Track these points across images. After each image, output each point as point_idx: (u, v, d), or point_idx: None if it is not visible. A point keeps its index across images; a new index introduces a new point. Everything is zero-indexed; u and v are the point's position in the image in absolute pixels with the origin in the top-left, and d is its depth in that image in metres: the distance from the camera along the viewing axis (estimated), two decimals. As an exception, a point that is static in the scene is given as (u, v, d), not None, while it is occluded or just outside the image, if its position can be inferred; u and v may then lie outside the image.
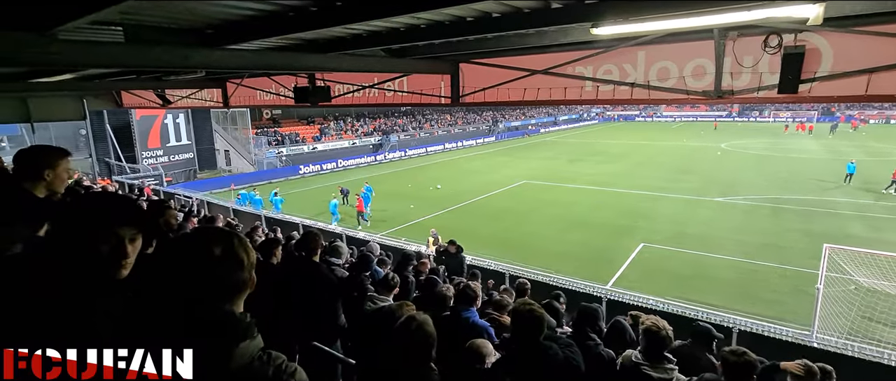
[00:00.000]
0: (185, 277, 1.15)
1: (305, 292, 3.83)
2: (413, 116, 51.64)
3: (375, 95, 9.41)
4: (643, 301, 8.08)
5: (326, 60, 6.53)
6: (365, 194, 19.39)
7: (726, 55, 5.49)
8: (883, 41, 4.47)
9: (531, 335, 2.73)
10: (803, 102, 5.68)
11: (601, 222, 17.76)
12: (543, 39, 5.98)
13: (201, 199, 17.57)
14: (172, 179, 27.86)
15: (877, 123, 55.73)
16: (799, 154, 34.13)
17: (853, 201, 19.80)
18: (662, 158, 34.05)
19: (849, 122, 55.31)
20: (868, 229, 15.90)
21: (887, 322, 8.95)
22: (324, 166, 33.85)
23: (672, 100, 6.15)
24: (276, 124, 39.72)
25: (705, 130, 53.69)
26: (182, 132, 31.07)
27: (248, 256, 1.22)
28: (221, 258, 1.17)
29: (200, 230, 1.36)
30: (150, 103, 13.60)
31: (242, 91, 11.51)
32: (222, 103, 12.28)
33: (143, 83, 11.11)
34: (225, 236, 1.22)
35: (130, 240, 1.31)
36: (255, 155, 32.67)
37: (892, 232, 15.41)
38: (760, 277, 12.14)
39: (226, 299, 1.18)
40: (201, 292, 1.15)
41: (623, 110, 77.94)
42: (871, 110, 58.08)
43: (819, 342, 6.88)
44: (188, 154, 31.53)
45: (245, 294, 1.23)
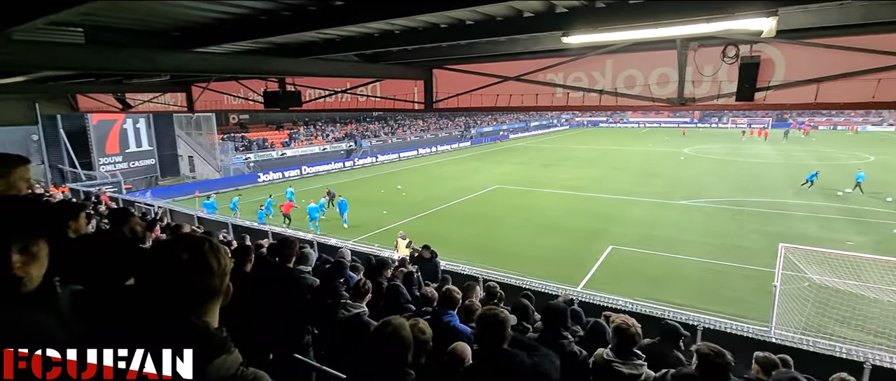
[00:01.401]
0: (152, 287, 1.11)
1: (281, 298, 3.75)
2: (385, 122, 51.39)
3: (348, 99, 9.34)
4: (613, 302, 8.28)
5: (298, 65, 6.45)
6: (341, 202, 19.37)
7: (688, 64, 5.75)
8: (830, 53, 4.78)
9: (495, 341, 2.68)
10: (759, 109, 6.01)
11: (572, 226, 18.12)
12: (515, 47, 6.09)
13: (164, 207, 16.90)
14: (132, 187, 26.71)
15: (825, 130, 59.32)
16: (756, 159, 35.87)
17: (807, 202, 20.97)
18: (630, 163, 35.09)
19: (800, 128, 58.63)
20: (820, 229, 16.85)
21: (838, 318, 9.49)
22: (285, 174, 32.59)
23: (638, 106, 6.38)
24: (244, 129, 38.69)
25: (669, 136, 55.74)
26: (143, 137, 29.86)
27: (219, 262, 1.16)
28: (189, 266, 1.11)
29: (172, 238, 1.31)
30: (108, 107, 13.03)
31: (209, 95, 11.19)
32: (187, 108, 11.90)
33: (101, 87, 10.64)
34: (194, 243, 1.17)
35: (21, 250, 1.22)
36: (221, 161, 31.69)
37: (841, 232, 16.40)
38: (723, 276, 12.66)
39: (196, 310, 1.13)
40: (169, 303, 1.10)
41: (591, 116, 79.97)
42: (820, 117, 61.79)
43: (777, 338, 7.21)
44: (149, 160, 30.32)
45: (218, 304, 1.18)
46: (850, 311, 9.52)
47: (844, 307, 9.61)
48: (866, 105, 4.94)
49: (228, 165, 31.62)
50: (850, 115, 59.78)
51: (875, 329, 9.09)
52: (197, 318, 1.13)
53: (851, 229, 16.81)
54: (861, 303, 9.65)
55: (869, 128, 57.07)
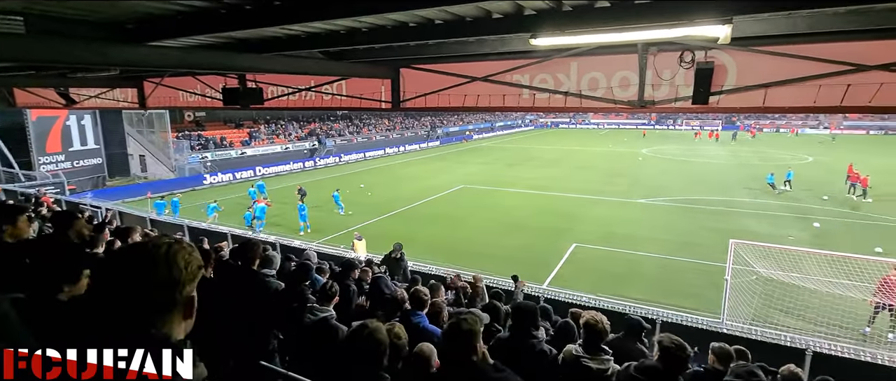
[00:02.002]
0: (108, 296, 1.05)
1: (244, 303, 3.60)
2: (350, 121, 50.62)
3: (312, 98, 9.11)
4: (577, 299, 8.52)
5: (260, 61, 6.23)
6: (301, 208, 18.98)
7: (648, 69, 5.96)
8: (777, 60, 5.09)
9: (464, 355, 2.55)
10: (713, 112, 6.33)
11: (536, 225, 18.46)
12: (483, 47, 6.13)
13: (113, 209, 15.94)
14: (76, 188, 25.03)
15: (769, 132, 63.28)
16: (708, 159, 37.79)
17: (754, 200, 22.28)
18: (592, 163, 36.15)
19: (747, 130, 62.28)
20: (766, 225, 17.94)
21: (782, 308, 10.13)
22: (237, 175, 30.89)
23: (601, 108, 6.57)
24: (200, 127, 37.05)
25: (628, 137, 57.85)
26: (88, 135, 28.05)
27: (175, 268, 1.09)
28: (146, 274, 1.05)
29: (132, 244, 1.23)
30: (50, 103, 12.13)
31: (162, 91, 10.63)
32: (138, 104, 11.25)
33: (42, 80, 9.89)
34: (150, 249, 1.10)
35: None
36: (175, 161, 30.20)
37: (784, 227, 17.52)
38: (679, 272, 13.25)
39: (156, 321, 1.07)
40: (127, 313, 1.04)
41: (555, 117, 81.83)
42: (765, 120, 65.81)
43: (728, 329, 7.63)
44: (96, 160, 28.53)
45: (181, 313, 1.12)
46: (792, 301, 10.19)
47: (787, 298, 10.27)
48: (809, 109, 5.30)
49: (183, 164, 30.19)
50: (791, 118, 64.02)
51: (814, 318, 9.77)
52: (157, 329, 1.07)
53: (793, 225, 18.00)
54: (802, 294, 10.33)
55: (807, 131, 61.36)
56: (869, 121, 59.85)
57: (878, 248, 13.90)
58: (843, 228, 17.58)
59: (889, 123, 59.04)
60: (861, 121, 60.26)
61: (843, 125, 60.73)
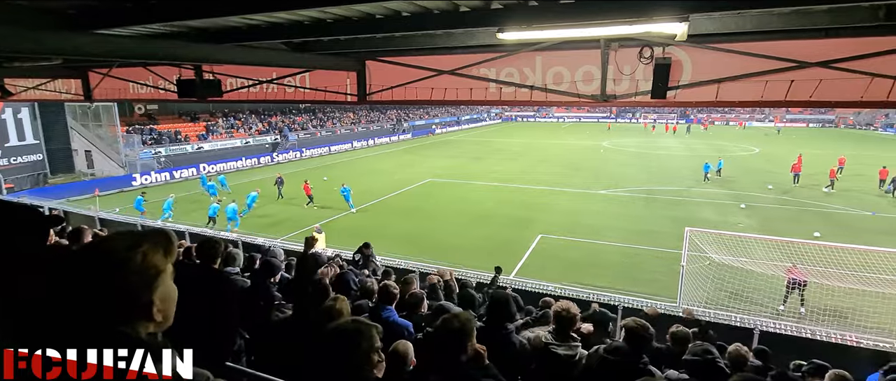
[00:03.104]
0: (71, 294, 1.02)
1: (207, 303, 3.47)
2: (314, 114, 49.40)
3: (274, 90, 8.83)
4: (543, 288, 8.74)
5: (218, 51, 5.98)
6: (251, 198, 18.75)
7: (610, 64, 6.15)
8: (729, 57, 5.37)
9: (452, 356, 2.53)
10: (670, 106, 6.60)
11: (503, 217, 18.74)
12: (451, 41, 6.13)
13: (58, 208, 14.94)
14: (14, 186, 23.27)
15: (720, 124, 66.63)
16: (665, 151, 39.42)
17: (705, 190, 23.46)
18: (556, 156, 36.94)
19: (700, 123, 65.33)
20: (716, 213, 18.95)
21: (732, 291, 10.77)
22: (176, 174, 28.66)
23: (566, 102, 6.73)
24: (152, 121, 35.14)
25: (590, 130, 59.42)
26: (26, 130, 26.06)
27: (131, 264, 1.04)
28: (108, 269, 1.02)
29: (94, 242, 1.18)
30: (-19, 94, 11.19)
31: (110, 82, 10.03)
32: (83, 96, 10.58)
33: (-29, 70, 9.10)
34: (112, 242, 1.06)
35: None
36: (125, 156, 28.53)
37: (733, 215, 18.57)
38: (639, 259, 13.81)
39: (121, 318, 1.04)
40: (90, 311, 1.01)
41: (520, 111, 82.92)
42: (716, 114, 69.21)
43: (684, 312, 8.05)
44: (35, 156, 26.56)
45: (149, 310, 1.08)
46: (741, 285, 10.85)
47: (737, 282, 10.93)
48: (757, 103, 5.62)
49: (134, 160, 28.57)
50: (740, 112, 67.63)
51: (761, 300, 10.46)
52: (128, 327, 1.05)
53: (741, 212, 19.11)
54: (750, 277, 11.01)
55: (754, 124, 65.04)
56: (809, 114, 64.09)
57: (817, 232, 14.98)
58: (786, 214, 18.83)
59: (827, 116, 63.53)
60: (802, 114, 64.44)
61: (786, 118, 64.75)
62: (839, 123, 62.65)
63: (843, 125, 61.99)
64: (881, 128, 56.64)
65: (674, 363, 3.66)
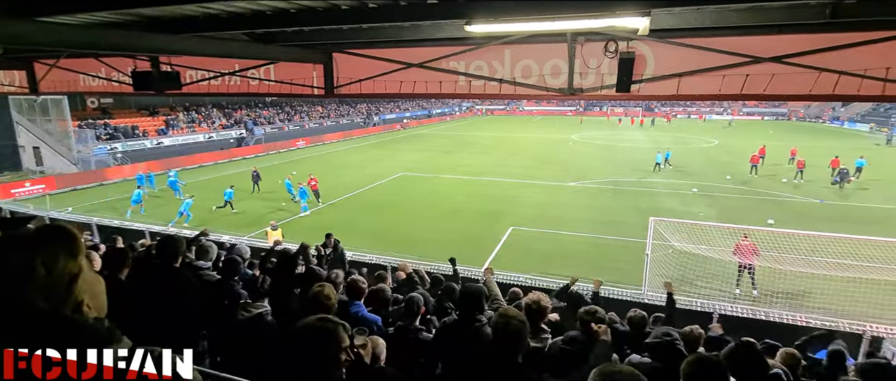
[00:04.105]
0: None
1: (168, 303, 3.34)
2: (281, 108, 48.16)
3: (237, 83, 8.53)
4: (515, 279, 8.85)
5: (174, 42, 5.71)
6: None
7: (576, 57, 6.24)
8: (689, 51, 5.54)
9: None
10: (634, 99, 6.78)
11: (475, 210, 18.86)
12: (419, 33, 6.07)
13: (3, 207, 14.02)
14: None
15: (682, 117, 69.08)
16: (631, 143, 40.56)
17: (668, 181, 24.32)
18: (526, 149, 37.42)
19: (663, 116, 67.55)
20: (679, 203, 19.69)
21: (693, 277, 11.23)
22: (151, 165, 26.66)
23: (534, 95, 6.79)
24: (107, 115, 33.37)
25: (559, 123, 60.46)
26: (-35, 125, 24.34)
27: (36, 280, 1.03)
28: (33, 253, 1.03)
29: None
30: (-89, 86, 10.33)
31: (58, 74, 9.44)
32: (28, 89, 9.91)
33: None
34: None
35: None
36: (78, 153, 27.02)
37: (694, 205, 19.34)
38: (607, 249, 14.20)
39: (61, 302, 1.05)
40: (29, 298, 1.02)
41: (490, 105, 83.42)
42: (678, 107, 71.67)
43: (649, 299, 8.35)
44: (-23, 153, 24.86)
45: (83, 291, 1.09)
46: (702, 271, 11.32)
47: (698, 268, 11.40)
48: (715, 97, 5.85)
49: (88, 156, 27.11)
50: (700, 105, 70.28)
51: (720, 285, 10.95)
52: (71, 311, 1.06)
53: (701, 202, 19.91)
54: (710, 264, 11.51)
55: (713, 116, 67.76)
56: (763, 108, 67.30)
57: (771, 219, 15.79)
58: (744, 203, 19.76)
59: (780, 110, 66.89)
60: (757, 108, 67.59)
61: (743, 111, 67.76)
62: (791, 116, 66.11)
63: (795, 118, 65.42)
64: (829, 120, 60.07)
65: (637, 347, 3.79)
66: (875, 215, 17.91)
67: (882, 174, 25.24)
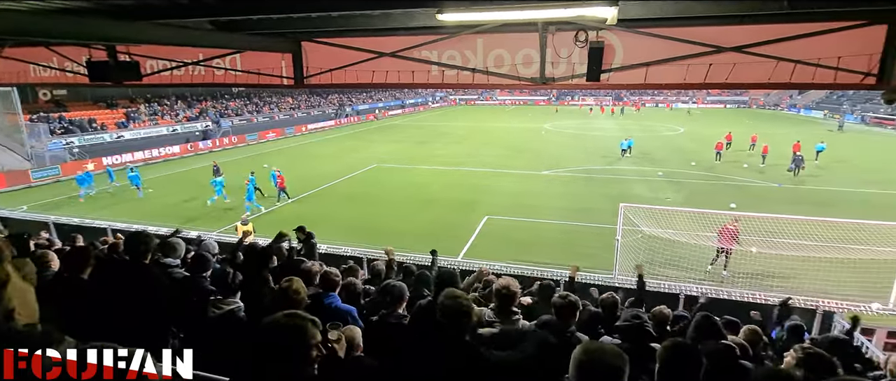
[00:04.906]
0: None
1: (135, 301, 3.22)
2: (249, 99, 46.78)
3: (202, 73, 8.22)
4: (492, 267, 8.94)
5: (132, 30, 5.43)
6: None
7: (548, 47, 6.29)
8: (656, 41, 5.67)
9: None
10: (604, 88, 6.91)
11: (449, 200, 18.92)
12: (390, 22, 5.97)
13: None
14: None
15: (650, 106, 70.93)
16: (601, 132, 41.38)
17: (637, 168, 24.99)
18: (499, 139, 37.68)
19: (632, 105, 69.24)
20: (647, 189, 20.29)
21: (661, 261, 11.63)
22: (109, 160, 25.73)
23: (506, 85, 6.82)
24: (61, 108, 31.63)
25: (532, 113, 61.07)
26: None
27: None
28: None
29: None
30: None
31: (4, 65, 8.89)
32: (-29, 80, 9.29)
33: None
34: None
35: None
36: (30, 148, 25.53)
37: (662, 191, 19.96)
38: (578, 235, 14.52)
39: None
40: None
41: (464, 94, 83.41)
42: (646, 96, 73.51)
43: (619, 282, 8.61)
44: (-83, 149, 23.14)
45: (12, 298, 1.08)
46: (669, 254, 11.73)
47: (666, 252, 11.79)
48: (680, 86, 6.02)
49: (43, 152, 25.67)
50: (667, 94, 72.21)
51: (686, 267, 11.38)
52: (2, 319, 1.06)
53: (669, 188, 20.58)
54: (676, 247, 11.93)
55: (680, 105, 69.85)
56: (726, 96, 69.79)
57: (733, 204, 16.47)
58: (708, 188, 20.53)
59: (741, 98, 69.53)
60: (721, 96, 70.02)
61: (707, 100, 70.10)
62: (752, 104, 68.84)
63: (755, 106, 68.16)
64: (787, 108, 62.86)
65: (609, 329, 3.92)
66: (828, 198, 18.93)
67: (835, 158, 26.69)
